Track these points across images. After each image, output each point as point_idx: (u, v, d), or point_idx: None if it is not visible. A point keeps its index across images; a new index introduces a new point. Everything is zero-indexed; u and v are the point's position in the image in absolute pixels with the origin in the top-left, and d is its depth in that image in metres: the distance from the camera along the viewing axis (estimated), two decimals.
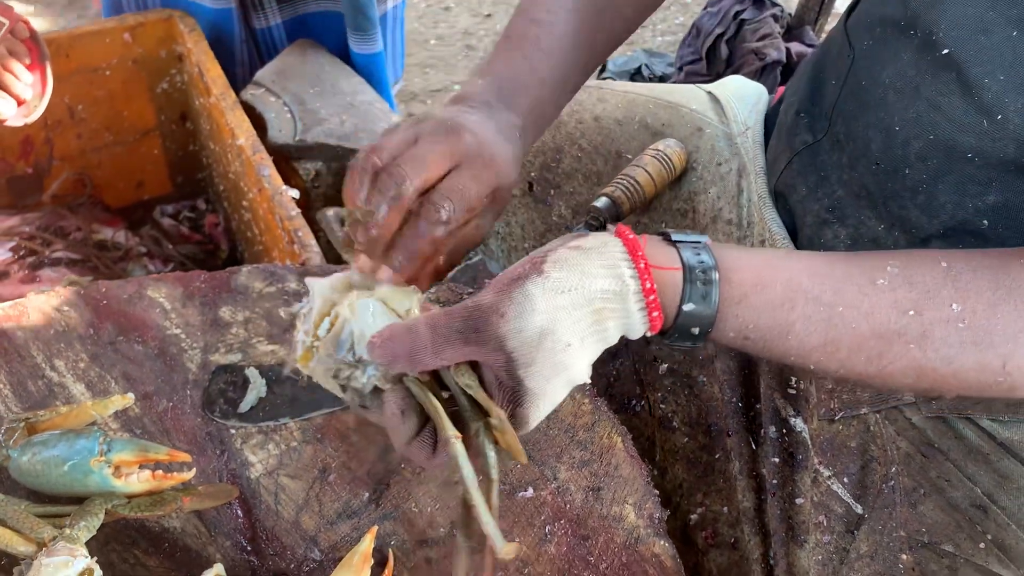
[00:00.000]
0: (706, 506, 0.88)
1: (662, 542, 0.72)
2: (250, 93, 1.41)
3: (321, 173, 1.38)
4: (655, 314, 0.56)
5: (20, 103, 1.22)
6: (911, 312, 0.56)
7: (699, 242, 0.59)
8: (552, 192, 1.06)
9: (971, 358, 0.57)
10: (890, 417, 0.80)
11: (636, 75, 2.38)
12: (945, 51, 0.68)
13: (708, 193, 0.97)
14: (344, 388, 0.62)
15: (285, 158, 1.37)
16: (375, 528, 0.66)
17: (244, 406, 0.77)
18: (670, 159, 0.97)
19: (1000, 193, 0.69)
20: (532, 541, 0.71)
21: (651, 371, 0.96)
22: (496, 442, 0.57)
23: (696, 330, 0.57)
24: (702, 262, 0.57)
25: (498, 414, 0.56)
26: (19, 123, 1.23)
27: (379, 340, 0.58)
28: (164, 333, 0.82)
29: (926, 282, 0.58)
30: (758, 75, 2.11)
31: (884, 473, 0.78)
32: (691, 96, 1.07)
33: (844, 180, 0.82)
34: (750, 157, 0.95)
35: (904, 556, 0.75)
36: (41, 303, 0.83)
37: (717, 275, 0.57)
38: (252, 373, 0.79)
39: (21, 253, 1.42)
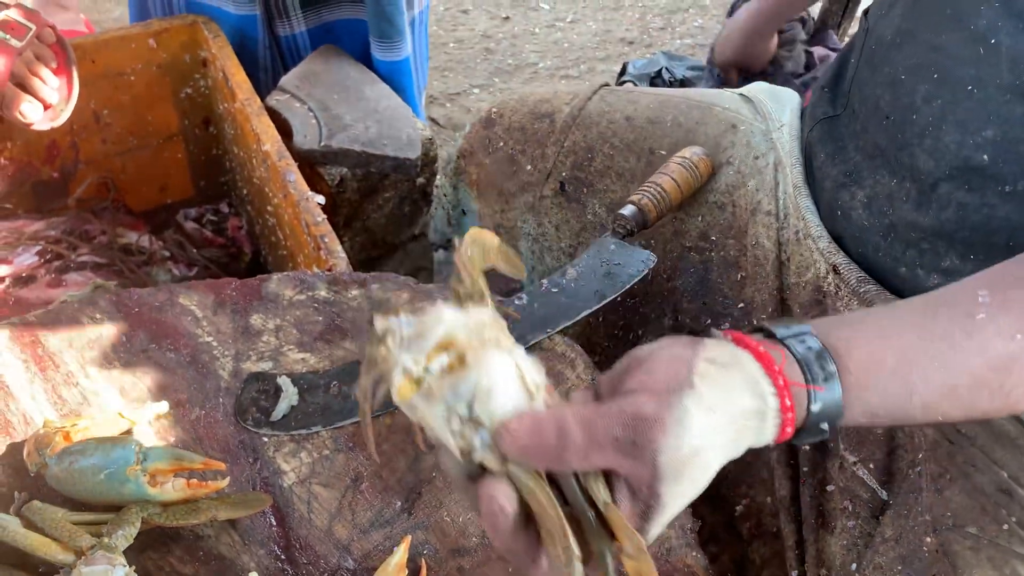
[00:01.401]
0: (750, 497, 0.88)
1: (694, 553, 0.72)
2: (275, 99, 1.42)
3: (346, 179, 1.38)
4: (788, 429, 0.55)
5: (47, 107, 1.23)
6: (1018, 336, 0.57)
7: (804, 332, 0.57)
8: (585, 191, 1.06)
9: None
10: None
11: (656, 78, 2.37)
12: None
13: (747, 186, 0.97)
14: (452, 438, 0.53)
15: (310, 164, 1.38)
16: (408, 538, 0.66)
17: (276, 415, 0.77)
18: (696, 166, 0.97)
19: (998, 126, 0.72)
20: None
21: None
22: (621, 571, 0.52)
23: (825, 425, 0.56)
24: (819, 357, 0.56)
25: (638, 543, 0.51)
26: (45, 127, 1.24)
27: (520, 430, 0.52)
28: (196, 341, 0.83)
29: (1018, 299, 0.58)
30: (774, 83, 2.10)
31: (911, 460, 0.79)
32: (722, 97, 1.07)
33: (860, 146, 0.85)
34: (786, 151, 0.96)
35: (928, 539, 0.75)
36: (74, 311, 0.83)
37: (835, 366, 0.56)
38: (284, 382, 0.79)
39: (47, 257, 1.43)
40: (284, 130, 1.38)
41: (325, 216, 1.16)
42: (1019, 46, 0.69)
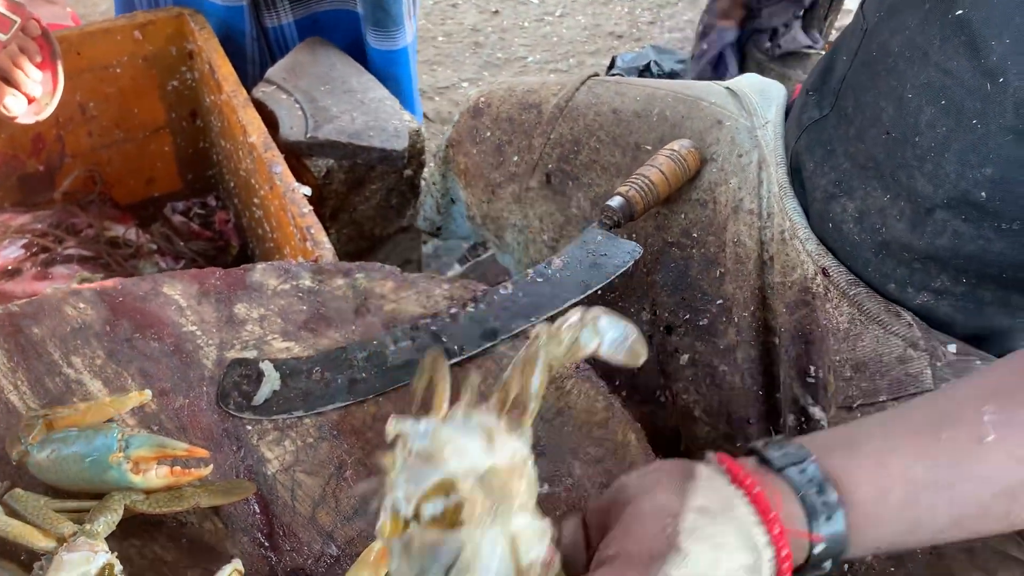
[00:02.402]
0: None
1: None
2: (261, 91, 1.42)
3: (333, 170, 1.38)
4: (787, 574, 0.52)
5: (31, 101, 1.22)
6: None
7: (805, 458, 0.54)
8: (570, 184, 1.06)
9: None
10: None
11: (645, 71, 2.38)
12: (959, 11, 0.70)
13: (729, 184, 0.97)
14: None
15: (296, 155, 1.37)
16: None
17: (258, 399, 0.77)
18: (684, 159, 0.98)
19: (998, 166, 0.70)
20: None
21: (673, 362, 0.96)
22: None
23: (828, 564, 0.53)
24: (820, 492, 0.52)
25: None
26: (30, 120, 1.24)
27: None
28: (180, 330, 0.82)
29: None
30: (770, 61, 2.11)
31: None
32: (709, 91, 1.07)
33: (850, 152, 0.83)
34: (770, 149, 0.95)
35: None
36: (58, 300, 0.83)
37: (838, 501, 0.52)
38: (267, 367, 0.79)
39: (33, 250, 1.42)
40: (270, 122, 1.38)
41: (311, 208, 1.16)
42: None
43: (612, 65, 2.47)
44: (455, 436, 0.49)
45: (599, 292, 0.90)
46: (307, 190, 1.17)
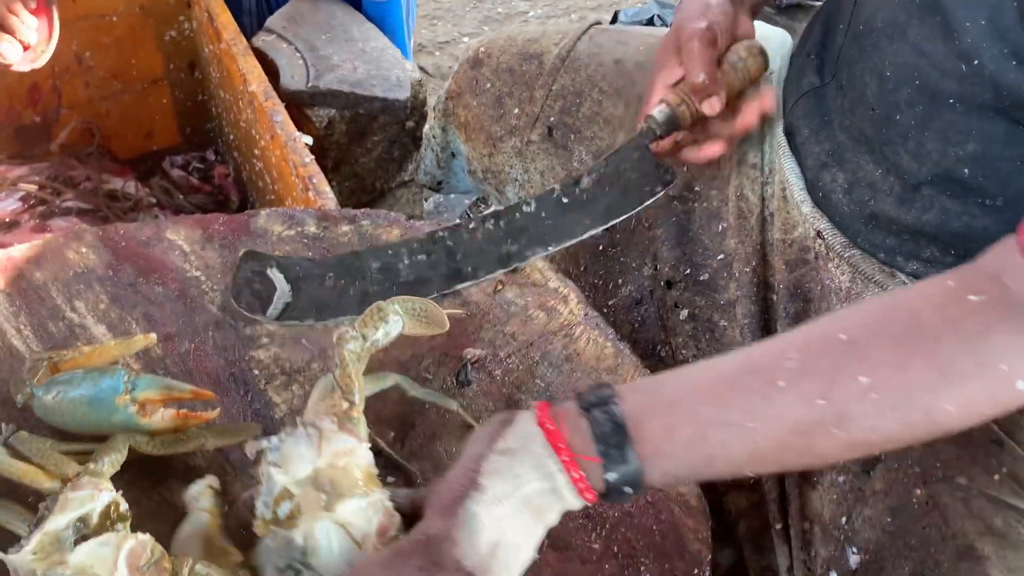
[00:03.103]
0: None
1: None
2: (261, 40, 1.39)
3: (335, 120, 1.36)
4: (589, 495, 0.57)
5: (26, 48, 1.20)
6: (820, 401, 0.56)
7: (608, 399, 0.59)
8: (572, 137, 1.04)
9: (894, 421, 0.57)
10: None
11: (648, 26, 2.35)
12: None
13: None
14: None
15: (297, 106, 1.35)
16: None
17: (272, 313, 0.76)
18: (744, 61, 0.88)
19: (979, 143, 0.70)
20: None
21: (673, 316, 0.95)
22: None
23: (628, 489, 0.58)
24: (615, 429, 0.57)
25: None
26: (25, 68, 1.21)
27: None
28: (184, 275, 0.81)
29: (828, 366, 0.57)
30: (776, 14, 2.08)
31: None
32: None
33: (845, 125, 0.83)
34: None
35: (918, 491, 0.75)
36: (59, 245, 0.82)
37: (628, 438, 0.57)
38: (276, 276, 0.77)
39: (31, 203, 1.41)
40: (271, 71, 1.35)
41: (313, 157, 1.14)
42: (1003, 73, 0.67)
43: (615, 20, 2.43)
44: (294, 447, 0.60)
45: (605, 234, 0.88)
46: (309, 139, 1.16)
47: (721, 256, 0.93)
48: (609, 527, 0.68)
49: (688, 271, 0.96)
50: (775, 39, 1.04)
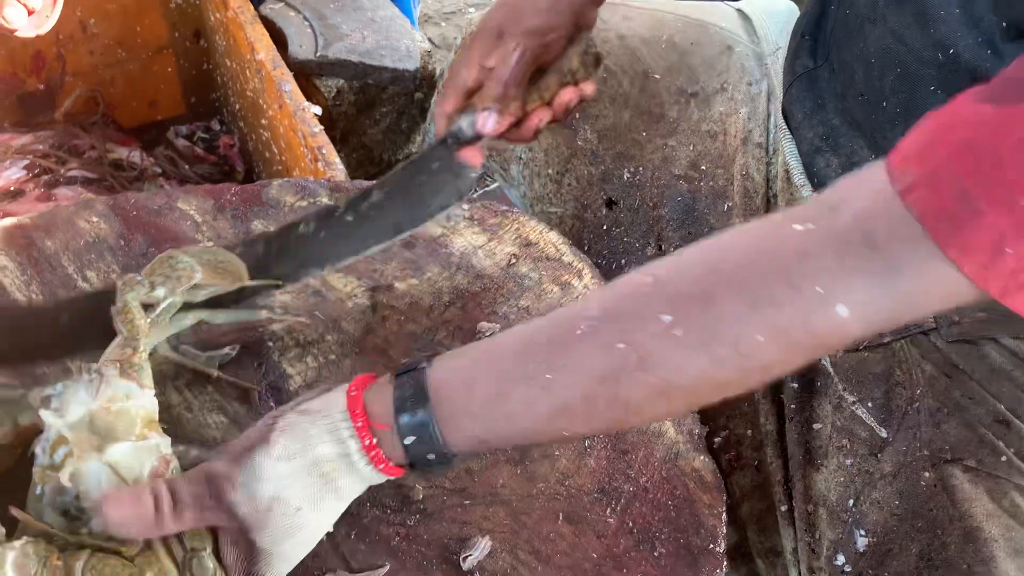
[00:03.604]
0: (730, 429, 0.88)
1: (702, 457, 0.72)
2: (269, 7, 1.37)
3: (343, 91, 1.35)
4: (382, 465, 0.56)
5: (30, 13, 1.18)
6: (620, 344, 0.52)
7: (417, 365, 0.58)
8: (577, 115, 1.03)
9: (701, 359, 0.52)
10: (915, 341, 0.80)
11: None
12: None
13: (739, 114, 0.95)
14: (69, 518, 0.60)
15: (306, 75, 1.34)
16: None
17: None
18: (575, 76, 0.82)
19: None
20: (572, 454, 0.70)
21: None
22: None
23: (432, 456, 0.56)
24: (414, 390, 0.56)
25: None
26: (30, 34, 1.20)
27: (112, 505, 0.55)
28: (196, 245, 0.81)
29: (630, 307, 0.54)
30: None
31: (909, 396, 0.79)
32: (720, 14, 1.03)
33: (840, 109, 0.82)
34: (779, 80, 0.93)
35: (927, 473, 0.76)
36: (69, 214, 0.81)
37: (426, 399, 0.56)
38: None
39: (36, 171, 1.39)
40: (279, 40, 1.34)
41: (322, 127, 1.13)
42: (979, 61, 0.66)
43: None
44: (74, 393, 0.61)
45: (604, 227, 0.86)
46: (318, 109, 1.15)
47: None
48: (624, 502, 0.68)
49: None
50: (782, 10, 1.03)
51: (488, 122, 0.76)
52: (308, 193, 0.86)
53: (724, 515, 0.70)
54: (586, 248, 1.05)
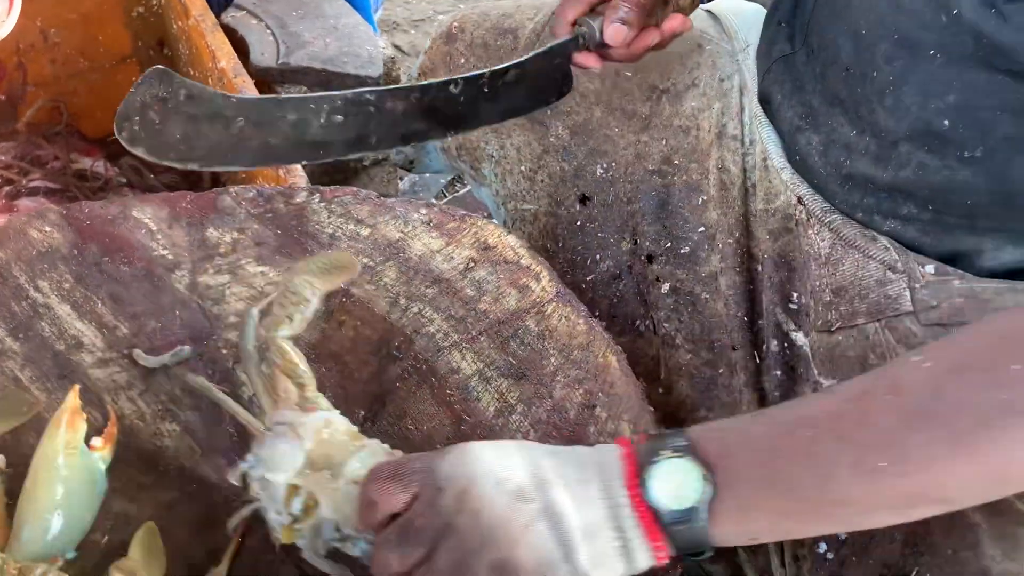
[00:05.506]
0: (711, 421, 0.88)
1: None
2: (231, 15, 1.37)
3: None
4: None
5: None
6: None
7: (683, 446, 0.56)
8: (548, 112, 1.04)
9: None
10: (890, 326, 0.81)
11: None
12: None
13: (712, 109, 0.95)
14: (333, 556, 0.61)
15: (268, 83, 1.34)
16: (77, 386, 0.66)
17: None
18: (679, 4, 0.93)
19: (960, 93, 0.70)
20: None
21: (654, 291, 0.95)
22: None
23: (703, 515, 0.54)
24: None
25: None
26: None
27: (382, 470, 0.58)
28: (150, 254, 0.80)
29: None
30: None
31: None
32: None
33: (819, 89, 0.83)
34: (751, 74, 0.94)
35: None
36: (21, 224, 0.80)
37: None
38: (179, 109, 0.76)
39: None
40: (241, 49, 1.33)
41: None
42: (981, 21, 0.66)
43: None
44: (272, 450, 0.60)
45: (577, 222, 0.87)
46: None
47: (702, 228, 0.93)
48: None
49: (669, 244, 0.96)
50: (749, 9, 1.04)
51: (620, 33, 0.85)
52: (265, 199, 0.86)
53: None
54: (560, 244, 1.05)
